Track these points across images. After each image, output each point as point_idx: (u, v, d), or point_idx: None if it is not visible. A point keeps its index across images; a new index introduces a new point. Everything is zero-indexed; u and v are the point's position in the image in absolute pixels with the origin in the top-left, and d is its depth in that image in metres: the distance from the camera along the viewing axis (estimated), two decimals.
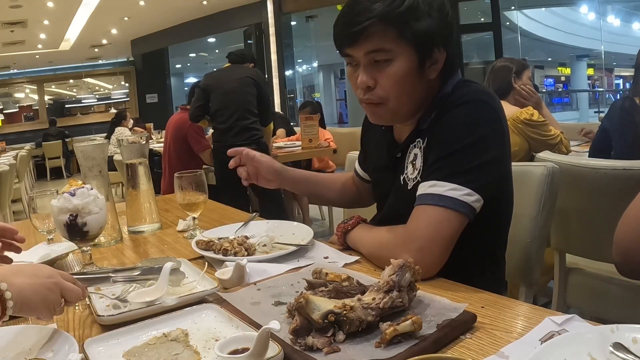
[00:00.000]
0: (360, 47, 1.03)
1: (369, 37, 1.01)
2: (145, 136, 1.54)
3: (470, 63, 8.48)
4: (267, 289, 0.94)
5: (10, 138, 11.69)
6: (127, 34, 11.56)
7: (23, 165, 6.54)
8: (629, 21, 12.53)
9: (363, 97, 1.09)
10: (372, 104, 1.09)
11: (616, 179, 1.59)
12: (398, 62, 1.03)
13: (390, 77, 1.04)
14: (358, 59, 1.06)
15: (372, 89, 1.06)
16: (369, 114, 1.14)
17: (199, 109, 3.64)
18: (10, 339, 0.81)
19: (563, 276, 1.87)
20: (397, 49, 1.02)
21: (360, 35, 1.02)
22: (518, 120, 2.43)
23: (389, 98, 1.07)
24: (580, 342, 0.64)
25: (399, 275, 0.79)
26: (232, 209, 1.77)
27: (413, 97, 1.08)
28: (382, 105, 1.08)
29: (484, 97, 1.06)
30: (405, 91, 1.06)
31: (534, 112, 2.48)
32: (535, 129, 2.46)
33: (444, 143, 1.03)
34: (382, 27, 1.01)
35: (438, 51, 1.06)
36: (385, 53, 1.03)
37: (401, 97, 1.07)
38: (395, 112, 1.10)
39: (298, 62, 14.25)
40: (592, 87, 14.02)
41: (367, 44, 1.02)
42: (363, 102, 1.11)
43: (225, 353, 0.68)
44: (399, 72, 1.04)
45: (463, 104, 1.05)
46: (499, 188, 1.09)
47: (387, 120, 1.14)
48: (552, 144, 2.48)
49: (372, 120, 1.16)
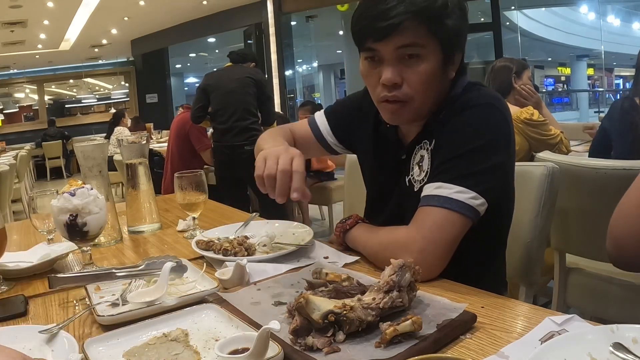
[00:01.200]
0: (390, 41, 0.99)
1: (403, 31, 0.98)
2: (145, 136, 1.54)
3: (471, 63, 8.47)
4: (267, 289, 0.94)
5: (10, 138, 11.70)
6: (127, 34, 11.56)
7: (23, 165, 6.54)
8: (629, 21, 12.52)
9: (388, 93, 1.04)
10: (396, 103, 1.05)
11: (616, 179, 1.59)
12: (428, 60, 1.01)
13: (421, 74, 1.01)
14: (383, 54, 1.02)
15: (399, 86, 1.03)
16: (389, 113, 1.08)
17: (200, 109, 3.64)
18: (10, 339, 0.81)
19: (563, 276, 1.87)
20: (429, 46, 1.00)
21: (394, 30, 0.97)
22: (518, 120, 2.43)
23: (414, 96, 1.03)
24: (580, 342, 0.64)
25: (399, 276, 0.79)
26: (232, 209, 1.77)
27: (434, 97, 1.07)
28: (406, 104, 1.05)
29: (494, 101, 1.06)
30: (431, 90, 1.05)
31: (534, 112, 2.48)
32: (535, 129, 2.46)
33: (452, 145, 1.03)
34: (416, 22, 0.97)
35: (457, 51, 1.06)
36: (417, 48, 0.99)
37: (426, 96, 1.05)
38: (417, 111, 1.07)
39: (298, 62, 14.23)
40: (592, 87, 14.02)
41: (399, 38, 0.98)
42: (384, 100, 1.06)
43: (225, 353, 0.68)
44: (428, 69, 1.01)
45: (473, 107, 1.04)
46: (503, 192, 1.09)
47: (408, 120, 1.11)
48: (552, 144, 2.48)
49: (391, 121, 1.11)
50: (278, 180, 0.97)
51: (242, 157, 3.51)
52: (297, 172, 0.97)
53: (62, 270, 1.21)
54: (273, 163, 0.99)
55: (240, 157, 3.52)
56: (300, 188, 0.96)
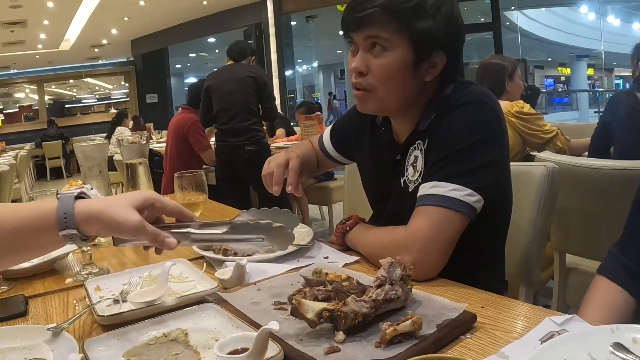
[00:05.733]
0: (362, 31, 1.06)
1: (372, 23, 1.04)
2: (145, 136, 1.54)
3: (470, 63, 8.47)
4: (267, 289, 0.94)
5: (10, 138, 11.68)
6: (127, 34, 11.55)
7: (23, 166, 6.54)
8: (629, 21, 12.52)
9: (354, 80, 1.11)
10: (360, 91, 1.11)
11: (616, 179, 1.59)
12: (393, 54, 1.05)
13: (383, 66, 1.06)
14: (357, 43, 1.09)
15: (364, 75, 1.08)
16: (358, 102, 1.16)
17: (208, 114, 3.63)
18: (10, 339, 0.81)
19: (563, 276, 1.87)
20: (395, 41, 1.04)
21: (363, 20, 1.04)
22: (509, 114, 2.41)
23: (376, 87, 1.08)
24: (580, 342, 0.64)
25: (389, 272, 0.81)
26: (232, 209, 1.77)
27: (402, 93, 1.09)
28: (369, 94, 1.10)
29: (483, 98, 1.07)
30: (394, 85, 1.07)
31: (525, 105, 2.45)
32: (526, 122, 2.44)
33: (445, 144, 1.04)
34: (385, 17, 1.03)
35: (437, 55, 1.06)
36: (382, 40, 1.04)
37: (389, 89, 1.08)
38: (381, 103, 1.11)
39: (298, 62, 14.24)
40: (592, 87, 14.02)
41: (369, 28, 1.05)
42: (353, 87, 1.13)
43: (225, 353, 0.68)
44: (391, 63, 1.05)
45: (463, 105, 1.05)
46: (499, 188, 1.09)
47: (373, 109, 1.15)
48: (545, 138, 2.45)
49: (359, 109, 1.17)
50: (274, 173, 1.20)
51: (243, 157, 3.51)
52: (291, 170, 1.20)
53: (63, 270, 1.21)
54: (273, 163, 1.22)
55: (241, 157, 3.52)
56: (293, 183, 1.20)
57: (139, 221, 0.75)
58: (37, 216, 0.75)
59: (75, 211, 0.74)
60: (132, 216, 0.75)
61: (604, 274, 1.01)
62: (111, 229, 0.76)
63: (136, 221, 0.75)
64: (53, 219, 0.73)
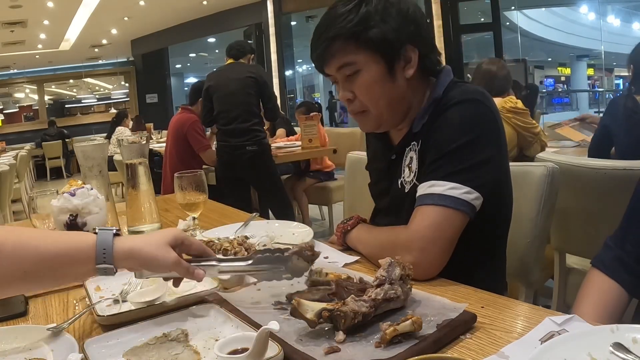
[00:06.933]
0: (330, 66, 1.09)
1: (333, 55, 1.07)
2: (145, 136, 1.54)
3: (470, 63, 8.47)
4: (267, 289, 0.94)
5: (10, 138, 11.68)
6: (127, 34, 11.55)
7: (23, 165, 6.54)
8: (629, 21, 12.53)
9: (348, 108, 1.14)
10: (358, 114, 1.14)
11: (616, 179, 1.59)
12: (365, 72, 1.07)
13: (362, 86, 1.08)
14: (335, 76, 1.11)
15: (352, 100, 1.11)
16: (359, 124, 1.18)
17: (209, 114, 3.64)
18: (10, 339, 0.81)
19: (563, 276, 1.87)
20: (361, 60, 1.06)
21: (324, 56, 1.08)
22: (504, 110, 2.58)
23: (368, 107, 1.10)
24: (580, 342, 0.64)
25: (388, 271, 0.81)
26: (232, 209, 1.77)
27: (392, 101, 1.10)
28: (365, 114, 1.12)
29: (477, 96, 1.07)
30: (381, 97, 1.08)
31: (518, 101, 2.66)
32: (520, 117, 2.64)
33: (441, 143, 1.04)
34: (340, 43, 1.05)
35: (407, 49, 1.07)
36: (350, 66, 1.07)
37: (378, 103, 1.09)
38: (379, 118, 1.12)
39: (298, 62, 14.24)
40: (592, 87, 14.02)
41: (334, 61, 1.07)
42: (350, 113, 1.17)
43: (225, 353, 0.68)
44: (367, 80, 1.07)
45: (457, 104, 1.05)
46: (497, 186, 1.09)
47: (374, 127, 1.16)
48: (534, 133, 2.69)
49: (362, 130, 1.21)
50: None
51: (244, 157, 3.51)
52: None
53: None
54: None
55: (242, 157, 3.52)
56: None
57: (176, 258, 0.81)
58: (77, 248, 0.78)
59: (115, 248, 0.78)
60: (170, 254, 0.81)
61: (599, 266, 1.02)
62: (148, 265, 0.81)
63: (174, 258, 0.81)
64: (92, 253, 0.78)
